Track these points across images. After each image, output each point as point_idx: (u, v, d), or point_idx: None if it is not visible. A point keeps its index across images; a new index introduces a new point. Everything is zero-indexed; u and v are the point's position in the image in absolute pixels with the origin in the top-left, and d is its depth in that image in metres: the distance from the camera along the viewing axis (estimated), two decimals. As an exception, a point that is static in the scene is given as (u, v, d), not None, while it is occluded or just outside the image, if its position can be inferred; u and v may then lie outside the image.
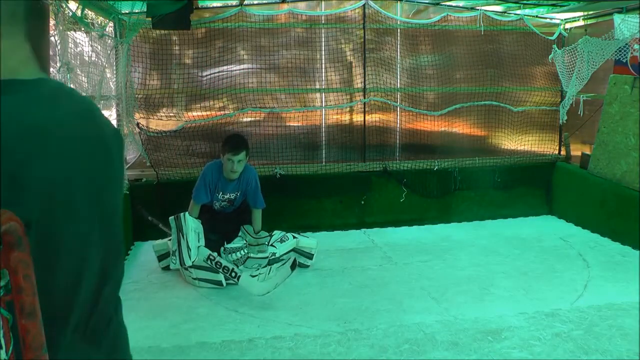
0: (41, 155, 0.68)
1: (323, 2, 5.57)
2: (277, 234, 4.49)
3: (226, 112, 5.50)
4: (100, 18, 4.62)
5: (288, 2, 5.38)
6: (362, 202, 5.63)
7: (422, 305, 3.66)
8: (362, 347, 3.07)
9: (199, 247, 3.97)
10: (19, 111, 0.68)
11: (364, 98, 5.71)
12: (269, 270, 4.14)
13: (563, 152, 6.17)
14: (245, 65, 5.52)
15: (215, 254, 3.95)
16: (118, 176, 0.88)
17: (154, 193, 5.17)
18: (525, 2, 5.33)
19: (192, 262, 3.92)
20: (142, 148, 5.16)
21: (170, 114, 5.39)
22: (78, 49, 3.89)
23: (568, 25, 5.93)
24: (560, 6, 5.31)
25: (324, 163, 5.76)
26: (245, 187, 4.26)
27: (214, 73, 5.40)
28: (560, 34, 5.93)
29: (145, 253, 4.77)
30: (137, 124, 5.13)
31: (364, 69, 5.66)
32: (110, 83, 4.70)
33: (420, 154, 5.92)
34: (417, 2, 5.61)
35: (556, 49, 5.75)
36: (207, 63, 5.35)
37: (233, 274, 3.84)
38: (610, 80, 5.30)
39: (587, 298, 3.71)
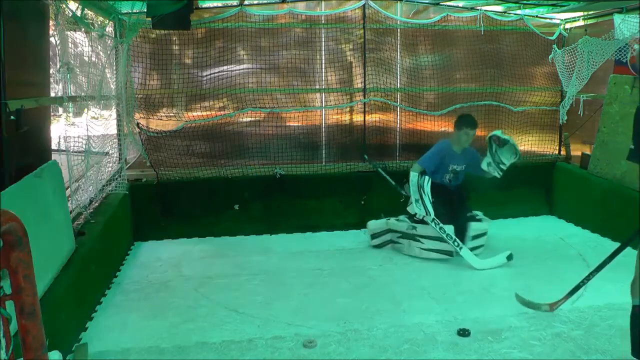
0: None
1: (323, 2, 5.57)
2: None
3: (226, 112, 5.50)
4: (100, 18, 4.63)
5: (288, 2, 5.38)
6: (362, 202, 5.63)
7: (422, 305, 3.67)
8: (362, 347, 3.08)
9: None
10: None
11: (364, 98, 5.71)
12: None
13: (563, 152, 6.17)
14: (245, 66, 5.52)
15: (437, 219, 4.46)
16: None
17: (154, 193, 5.18)
18: (525, 2, 5.33)
19: (433, 216, 4.43)
20: (142, 148, 5.17)
21: (170, 114, 5.40)
22: (78, 49, 3.89)
23: (568, 25, 5.93)
24: (560, 6, 5.31)
25: (324, 163, 5.76)
26: (470, 159, 4.82)
27: (214, 73, 5.40)
28: (560, 34, 5.94)
29: (145, 253, 4.77)
30: (137, 124, 5.13)
31: (364, 69, 5.66)
32: (110, 83, 4.70)
33: (420, 154, 5.90)
34: (417, 2, 5.61)
35: (556, 49, 5.76)
36: (207, 63, 5.36)
37: (456, 243, 4.40)
38: (610, 80, 5.30)
39: (587, 298, 3.70)
